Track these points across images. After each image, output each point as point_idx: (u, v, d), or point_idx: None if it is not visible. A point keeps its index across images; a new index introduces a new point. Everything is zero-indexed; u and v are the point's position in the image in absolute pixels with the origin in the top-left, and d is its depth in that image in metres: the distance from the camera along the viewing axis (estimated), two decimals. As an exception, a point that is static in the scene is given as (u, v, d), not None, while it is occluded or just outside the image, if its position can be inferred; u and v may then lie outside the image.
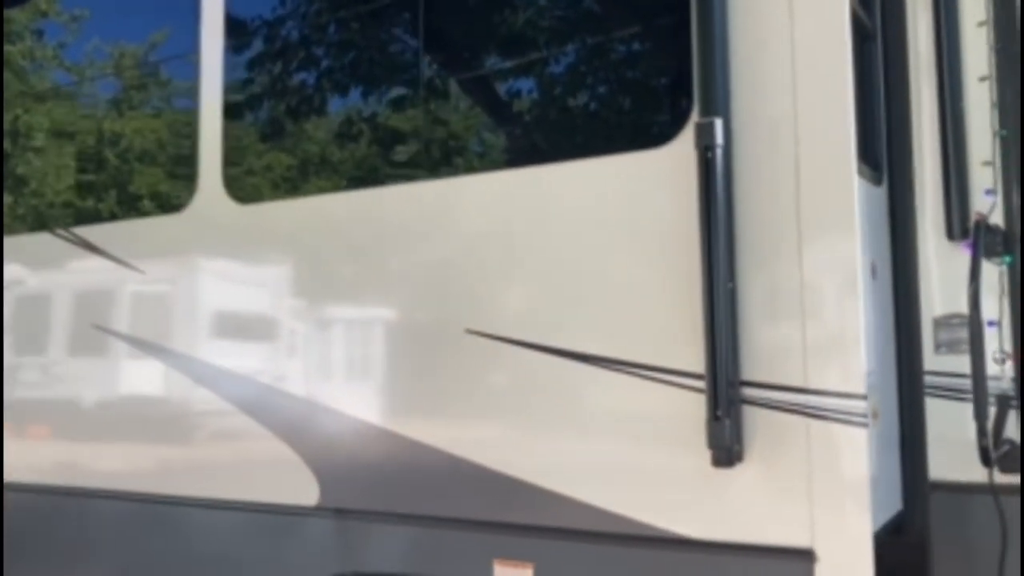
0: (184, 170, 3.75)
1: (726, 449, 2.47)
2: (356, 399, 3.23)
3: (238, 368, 3.50)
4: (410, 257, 3.13)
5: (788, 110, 2.52)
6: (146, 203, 3.89)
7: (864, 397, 2.39)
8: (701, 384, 2.56)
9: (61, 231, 4.05)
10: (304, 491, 3.27)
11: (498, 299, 2.97)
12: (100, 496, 3.73)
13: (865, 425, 2.39)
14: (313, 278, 3.37)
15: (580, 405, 2.79)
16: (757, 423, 2.50)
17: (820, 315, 2.45)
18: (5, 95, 4.38)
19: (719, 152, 2.50)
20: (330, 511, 3.23)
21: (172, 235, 3.72)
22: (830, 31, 2.48)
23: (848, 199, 2.44)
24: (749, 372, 2.52)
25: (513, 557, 2.88)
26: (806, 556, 2.42)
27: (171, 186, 3.83)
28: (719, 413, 2.47)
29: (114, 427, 3.79)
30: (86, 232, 3.97)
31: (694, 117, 2.62)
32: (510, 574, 2.87)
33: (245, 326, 3.54)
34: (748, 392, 2.51)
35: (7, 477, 4.01)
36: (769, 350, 2.51)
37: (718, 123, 2.51)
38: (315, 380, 3.34)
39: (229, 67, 3.60)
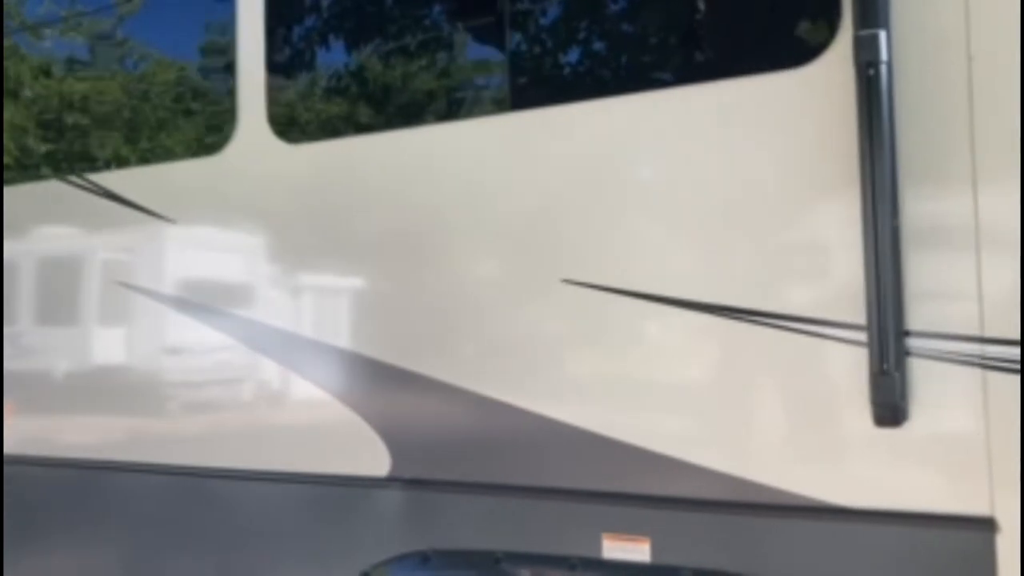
0: (218, 106, 3.35)
1: (893, 407, 2.18)
2: (435, 360, 2.89)
3: (292, 327, 3.14)
4: (507, 198, 2.78)
5: (959, 21, 2.20)
6: (174, 144, 3.48)
7: (1053, 345, 2.12)
8: (856, 336, 2.26)
9: (74, 178, 3.63)
10: (373, 461, 2.94)
11: (605, 245, 2.64)
12: (141, 470, 3.37)
13: (1055, 377, 2.11)
14: (378, 225, 3.00)
15: (708, 362, 2.49)
16: (925, 377, 2.21)
17: (998, 253, 2.16)
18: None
19: (884, 69, 2.18)
20: (403, 482, 2.91)
21: (207, 180, 3.33)
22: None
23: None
24: (915, 321, 2.22)
25: (625, 531, 2.58)
26: (985, 526, 2.15)
27: (202, 125, 3.42)
28: (886, 367, 2.17)
29: (151, 396, 3.42)
30: (103, 179, 3.56)
31: (846, 29, 2.29)
32: (622, 549, 2.58)
33: (298, 283, 3.17)
34: (914, 343, 2.22)
35: (36, 452, 3.62)
36: (938, 295, 2.21)
37: (882, 35, 2.19)
38: (384, 340, 2.99)
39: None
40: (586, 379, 2.65)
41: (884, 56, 2.18)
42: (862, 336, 2.27)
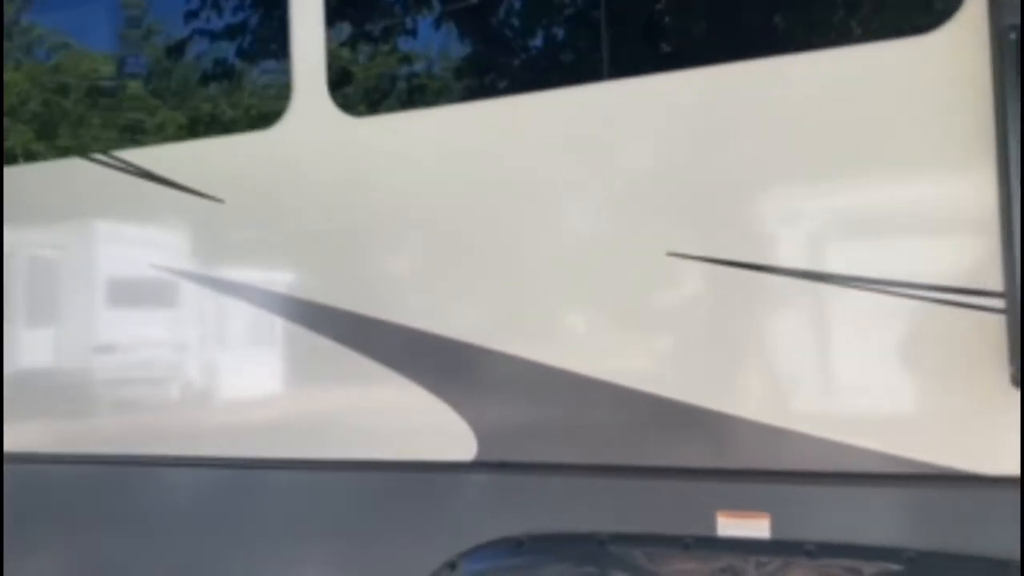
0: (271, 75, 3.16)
1: (1038, 372, 2.18)
2: (525, 336, 2.79)
3: (357, 306, 2.98)
4: (603, 165, 2.69)
5: (1095, -13, 2.21)
6: (220, 117, 3.28)
7: None
8: (993, 303, 2.26)
9: (101, 156, 3.39)
10: (457, 444, 2.82)
11: (717, 216, 2.58)
12: (193, 464, 3.16)
13: None
14: (459, 201, 2.88)
15: (830, 331, 2.46)
16: (1063, 341, 2.21)
17: None
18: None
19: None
20: (492, 465, 2.80)
21: (258, 157, 3.14)
22: None
23: None
24: (1053, 285, 2.23)
25: (742, 507, 2.53)
26: None
27: (253, 95, 3.23)
28: (1033, 331, 2.17)
29: (206, 384, 3.22)
30: (137, 156, 3.33)
31: (975, -2, 2.29)
32: (740, 526, 2.53)
33: (367, 261, 3.01)
34: (1053, 307, 2.22)
35: (95, 449, 3.36)
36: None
37: (1027, 0, 2.18)
38: (468, 318, 2.87)
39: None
40: (706, 355, 2.59)
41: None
42: (996, 303, 2.26)
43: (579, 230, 2.75)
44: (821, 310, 2.49)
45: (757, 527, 2.51)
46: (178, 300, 3.28)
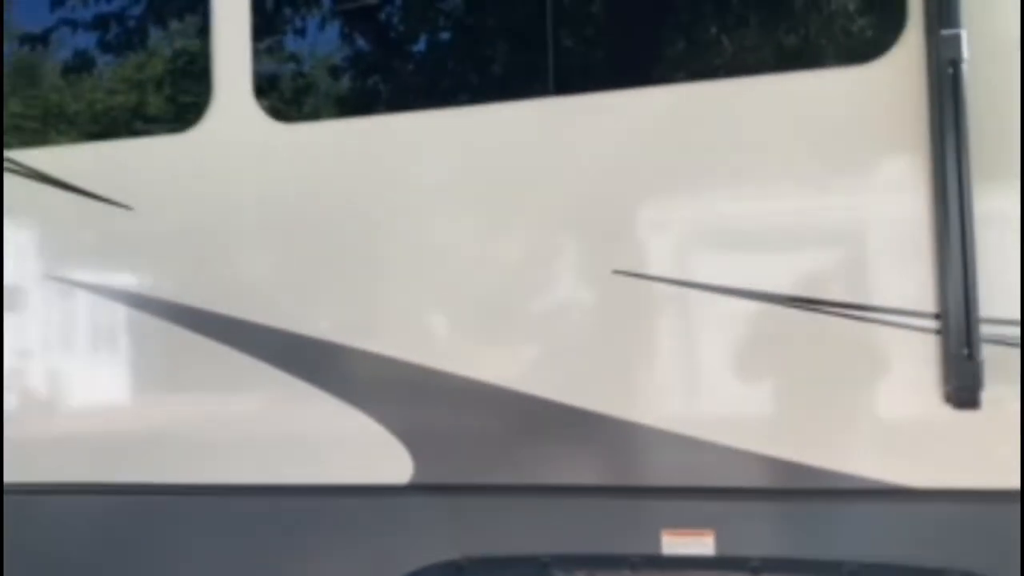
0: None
1: (972, 390, 2.29)
2: (459, 356, 2.72)
3: (284, 324, 2.84)
4: (545, 183, 2.67)
5: (1012, 30, 2.35)
6: (131, 118, 3.06)
7: (1108, 330, 2.30)
8: (925, 324, 2.36)
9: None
10: (392, 467, 2.73)
11: (662, 236, 2.60)
12: (103, 492, 2.92)
13: (1108, 359, 2.30)
14: (395, 210, 2.79)
15: (773, 351, 2.51)
16: (994, 361, 2.33)
17: (1060, 244, 2.33)
18: None
19: (963, 68, 2.29)
20: (428, 488, 2.72)
21: (173, 161, 2.95)
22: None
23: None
24: (985, 308, 2.34)
25: (687, 525, 2.55)
26: (1051, 496, 2.30)
27: (166, 96, 3.04)
28: (967, 352, 2.28)
29: (110, 403, 2.99)
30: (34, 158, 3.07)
31: (912, 29, 2.39)
32: (684, 544, 2.54)
33: (286, 272, 2.88)
34: (985, 329, 2.34)
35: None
36: (1003, 282, 2.35)
37: (963, 35, 2.29)
38: (402, 336, 2.78)
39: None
40: (643, 372, 2.60)
41: (965, 55, 2.28)
42: (931, 324, 2.36)
43: (516, 245, 2.71)
44: (763, 330, 2.53)
45: (701, 544, 2.53)
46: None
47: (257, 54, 2.89)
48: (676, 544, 2.54)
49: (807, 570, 2.45)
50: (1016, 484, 2.31)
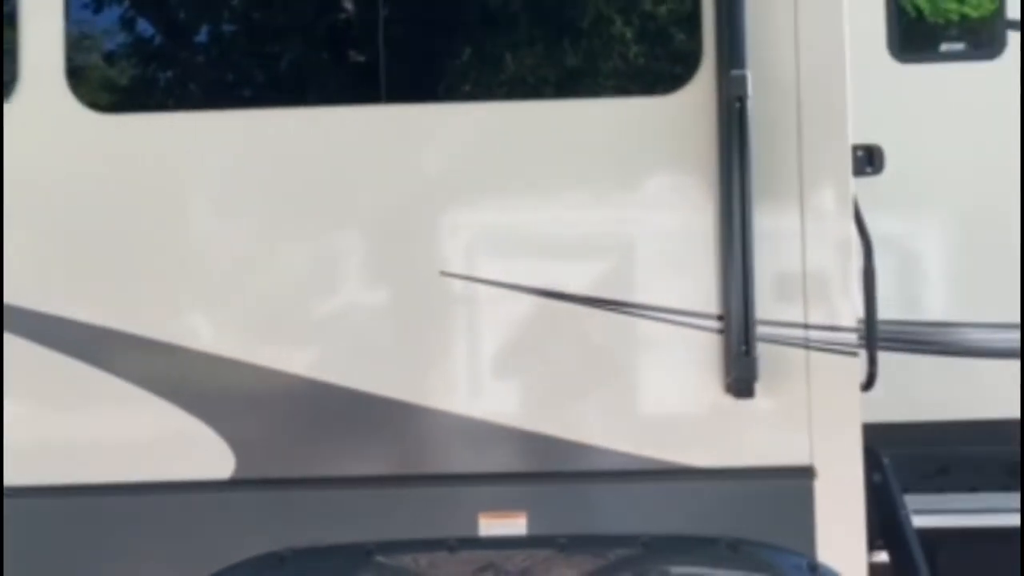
0: None
1: (749, 382, 2.66)
2: (278, 349, 2.78)
3: (91, 319, 2.77)
4: (376, 189, 2.79)
5: (792, 72, 2.76)
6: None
7: (855, 330, 2.76)
8: (710, 324, 2.71)
9: None
10: (213, 462, 2.73)
11: (484, 239, 2.80)
12: None
13: (855, 355, 2.75)
14: (230, 212, 2.80)
15: (578, 347, 2.77)
16: (767, 356, 2.71)
17: (818, 258, 2.75)
18: None
19: (749, 104, 2.66)
20: (250, 482, 2.75)
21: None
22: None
23: (844, 162, 2.76)
24: (759, 310, 2.72)
25: (502, 508, 2.75)
26: (807, 473, 2.72)
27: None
28: (745, 348, 2.64)
29: None
30: None
31: (706, 67, 2.74)
32: (499, 525, 2.74)
33: (104, 268, 2.80)
34: (760, 329, 2.72)
35: None
36: (777, 288, 2.74)
37: (748, 75, 2.66)
38: (219, 330, 2.79)
39: None
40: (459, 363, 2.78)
41: (750, 92, 2.65)
42: (715, 324, 2.72)
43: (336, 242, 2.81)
44: (570, 328, 2.79)
45: (515, 525, 2.74)
46: None
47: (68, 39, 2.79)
48: (492, 526, 2.73)
49: (608, 544, 2.72)
50: (787, 462, 2.71)
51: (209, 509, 2.74)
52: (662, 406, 2.79)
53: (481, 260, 2.79)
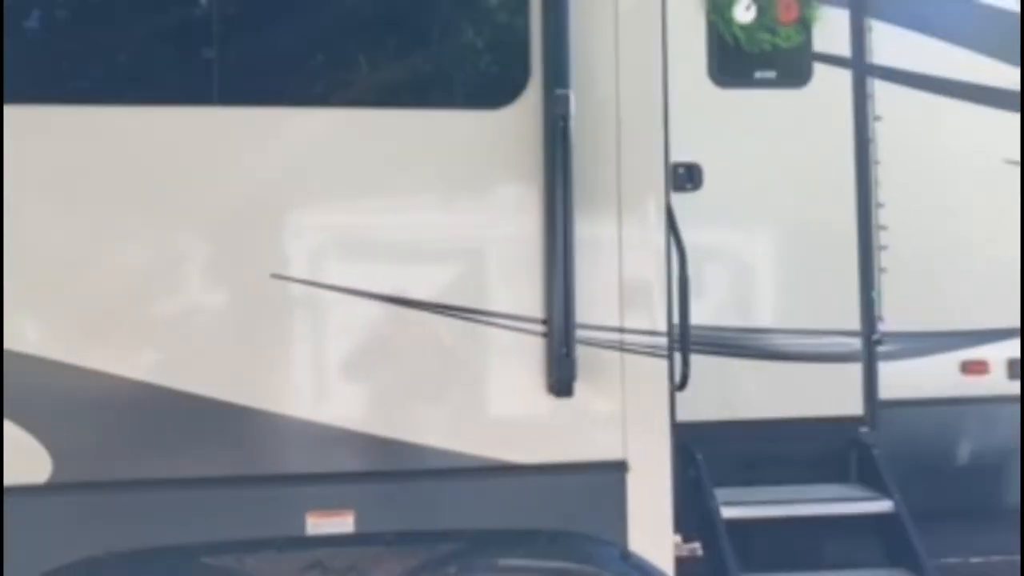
0: None
1: (568, 382, 2.82)
2: (104, 352, 2.75)
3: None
4: (209, 191, 2.79)
5: (613, 93, 2.95)
6: None
7: (665, 334, 2.97)
8: (535, 328, 2.86)
9: None
10: (30, 467, 2.67)
11: (315, 244, 2.85)
12: None
13: (666, 356, 2.97)
14: (57, 211, 2.74)
15: (411, 350, 2.87)
16: (586, 359, 2.88)
17: (634, 266, 2.94)
18: None
19: (572, 121, 2.83)
20: (69, 486, 2.70)
21: None
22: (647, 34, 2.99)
23: (660, 177, 2.97)
24: (579, 315, 2.89)
25: (329, 507, 2.81)
26: (621, 467, 2.91)
27: None
28: (567, 351, 2.81)
29: None
30: None
31: (534, 85, 2.89)
32: (327, 524, 2.80)
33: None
34: (580, 333, 2.89)
35: None
36: (593, 295, 2.91)
37: (572, 95, 2.83)
38: (39, 332, 2.73)
39: None
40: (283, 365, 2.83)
41: (573, 111, 2.82)
42: (539, 328, 2.87)
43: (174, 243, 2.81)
44: (400, 331, 2.88)
45: (343, 523, 2.80)
46: None
47: None
48: (319, 525, 2.78)
49: (435, 539, 2.83)
50: (603, 458, 2.88)
51: (26, 514, 2.66)
52: (489, 406, 2.92)
53: (312, 264, 2.84)
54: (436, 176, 2.89)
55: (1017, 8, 4.24)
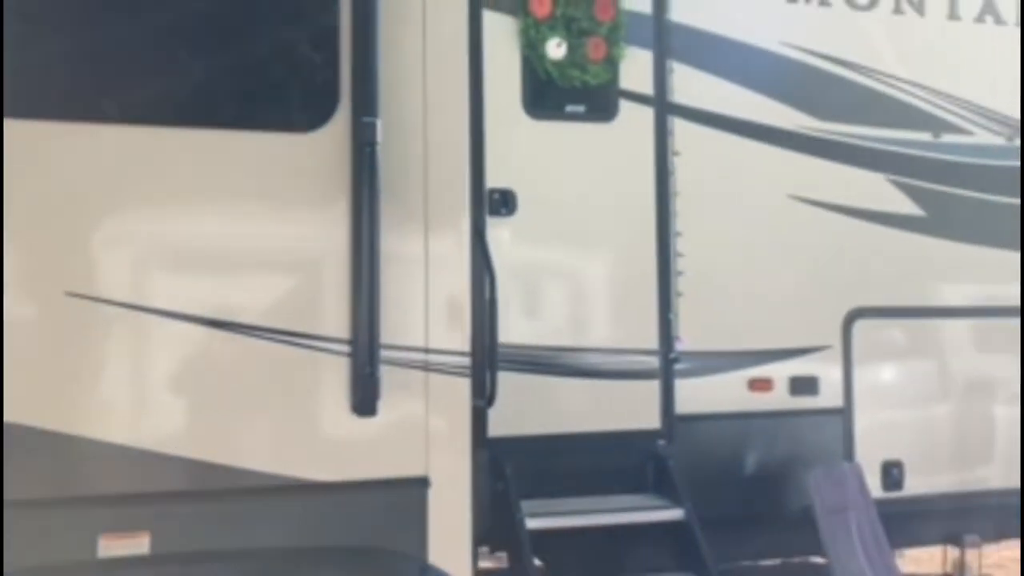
0: None
1: (371, 400, 2.91)
2: None
3: None
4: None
5: (420, 121, 3.07)
6: None
7: (470, 354, 3.11)
8: (341, 348, 2.94)
9: None
10: None
11: (113, 263, 2.82)
12: None
13: (468, 376, 3.10)
14: None
15: (215, 370, 2.88)
16: (390, 378, 2.98)
17: (439, 288, 3.07)
18: None
19: (378, 149, 2.93)
20: None
21: None
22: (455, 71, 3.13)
23: (465, 202, 3.12)
24: (384, 336, 2.99)
25: (124, 529, 2.77)
26: (422, 483, 3.01)
27: None
28: (371, 370, 2.89)
29: None
30: None
31: (342, 111, 2.98)
32: (120, 546, 2.76)
33: None
34: (384, 353, 2.98)
35: None
36: (400, 316, 3.02)
37: (379, 123, 2.93)
38: None
39: None
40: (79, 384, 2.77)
41: (379, 139, 2.92)
42: (345, 348, 2.94)
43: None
44: (204, 350, 2.88)
45: (137, 545, 2.77)
46: None
47: None
48: (112, 547, 2.74)
49: (234, 558, 2.84)
50: (405, 474, 2.98)
51: None
52: (293, 425, 2.95)
53: (111, 283, 2.80)
54: (243, 197, 2.92)
55: (806, 58, 4.66)
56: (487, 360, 3.47)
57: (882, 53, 4.68)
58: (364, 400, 2.90)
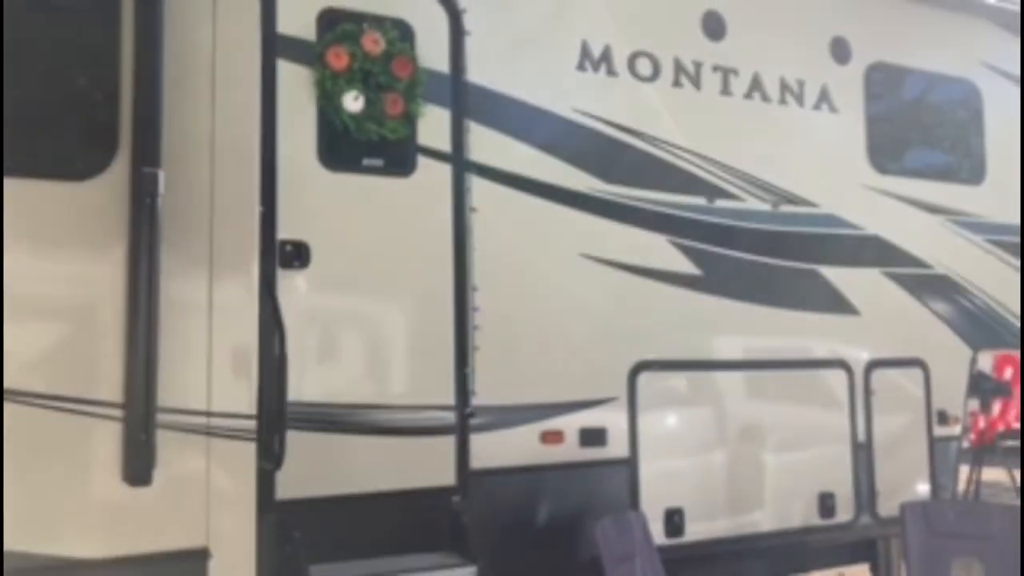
0: None
1: (146, 469, 2.72)
2: None
3: None
4: None
5: (207, 173, 2.95)
6: None
7: (253, 416, 2.97)
8: (113, 412, 2.73)
9: None
10: None
11: None
12: None
13: (254, 440, 2.97)
14: None
15: None
16: (167, 444, 2.80)
17: (223, 349, 2.93)
18: None
19: (159, 200, 2.78)
20: None
21: None
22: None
23: (253, 257, 3.01)
24: (162, 399, 2.81)
25: None
26: (202, 555, 2.84)
27: None
28: (143, 436, 2.71)
29: None
30: None
31: (121, 160, 2.81)
32: None
33: None
34: (161, 417, 2.80)
35: None
36: (180, 378, 2.85)
37: (161, 175, 2.78)
38: None
39: None
40: None
41: (161, 190, 2.77)
42: (119, 412, 2.74)
43: None
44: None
45: None
46: None
47: None
48: None
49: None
50: (183, 546, 2.78)
51: None
52: (60, 498, 2.70)
53: None
54: (12, 249, 2.67)
55: (595, 124, 4.89)
56: (276, 420, 3.34)
57: (663, 122, 4.99)
58: (138, 468, 2.70)
